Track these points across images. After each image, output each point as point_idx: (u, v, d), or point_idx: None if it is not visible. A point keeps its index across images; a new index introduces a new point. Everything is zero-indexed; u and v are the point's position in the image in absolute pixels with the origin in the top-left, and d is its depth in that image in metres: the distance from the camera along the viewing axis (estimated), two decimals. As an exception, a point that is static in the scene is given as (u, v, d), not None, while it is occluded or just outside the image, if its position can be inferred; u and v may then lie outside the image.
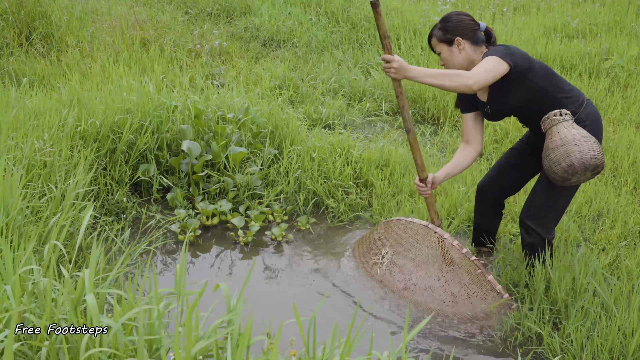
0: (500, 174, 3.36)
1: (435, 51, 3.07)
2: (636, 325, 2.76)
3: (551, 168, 2.89)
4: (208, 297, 2.81)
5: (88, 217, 2.48)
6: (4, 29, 6.09)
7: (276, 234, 3.72)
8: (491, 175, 3.39)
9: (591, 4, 8.47)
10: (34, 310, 2.02)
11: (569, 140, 2.85)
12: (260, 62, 6.39)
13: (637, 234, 3.84)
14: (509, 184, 3.37)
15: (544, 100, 2.97)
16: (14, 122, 3.68)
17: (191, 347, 1.80)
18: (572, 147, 2.83)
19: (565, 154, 2.84)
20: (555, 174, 2.90)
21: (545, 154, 2.92)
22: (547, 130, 2.94)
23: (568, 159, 2.83)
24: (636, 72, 6.26)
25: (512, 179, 3.35)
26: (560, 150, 2.85)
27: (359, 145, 4.53)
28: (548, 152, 2.90)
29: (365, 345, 2.92)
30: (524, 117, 3.09)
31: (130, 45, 5.90)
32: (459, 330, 3.08)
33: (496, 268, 3.50)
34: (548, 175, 2.95)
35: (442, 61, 3.08)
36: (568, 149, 2.84)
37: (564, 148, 2.84)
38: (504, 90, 2.97)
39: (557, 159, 2.86)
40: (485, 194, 3.42)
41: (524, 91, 2.95)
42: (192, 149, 4.03)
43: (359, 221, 3.98)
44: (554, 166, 2.88)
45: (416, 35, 6.76)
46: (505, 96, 2.99)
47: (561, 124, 2.90)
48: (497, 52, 2.87)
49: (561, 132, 2.88)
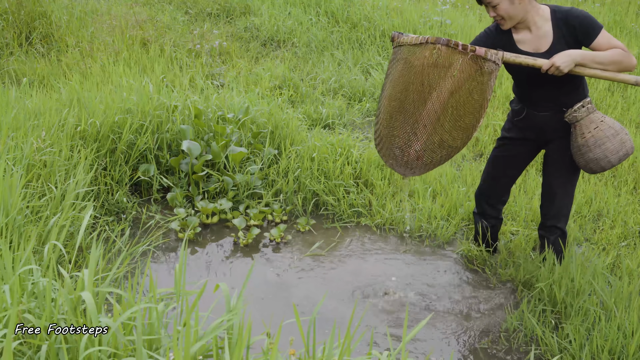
0: (499, 188, 3.37)
1: (492, 3, 2.88)
2: (636, 325, 2.76)
3: (606, 157, 2.86)
4: (208, 297, 2.80)
5: (88, 217, 2.48)
6: (4, 29, 6.08)
7: (275, 235, 3.72)
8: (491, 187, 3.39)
9: (591, 4, 8.46)
10: (33, 310, 2.02)
11: (618, 129, 2.86)
12: (260, 62, 6.39)
13: (637, 234, 3.84)
14: (508, 192, 3.41)
15: (578, 87, 2.95)
16: (14, 122, 3.67)
17: (190, 347, 1.80)
18: (624, 135, 2.86)
19: (621, 143, 2.84)
20: (609, 164, 2.88)
21: (597, 143, 2.86)
22: (583, 118, 2.88)
23: (624, 148, 2.85)
24: (636, 72, 6.26)
25: (508, 185, 3.37)
26: (617, 139, 2.84)
27: (359, 145, 4.53)
28: (602, 141, 2.85)
29: (365, 345, 2.92)
30: (554, 86, 2.95)
31: (130, 45, 5.90)
32: (459, 329, 3.08)
33: (497, 266, 3.51)
34: (591, 165, 2.90)
35: (497, 12, 2.87)
36: (623, 138, 2.85)
37: (619, 137, 2.85)
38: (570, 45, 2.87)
39: (614, 148, 2.85)
40: (484, 205, 3.43)
41: None
42: (192, 149, 4.03)
43: (359, 219, 3.98)
44: (610, 155, 2.85)
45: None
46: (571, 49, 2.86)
47: (597, 112, 2.89)
48: (597, 22, 2.81)
49: (606, 120, 2.87)
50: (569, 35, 2.84)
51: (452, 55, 2.70)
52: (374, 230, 3.89)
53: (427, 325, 3.09)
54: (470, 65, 2.70)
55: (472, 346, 2.98)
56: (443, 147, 2.89)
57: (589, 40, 2.82)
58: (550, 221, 3.20)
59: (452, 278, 3.47)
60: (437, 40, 2.67)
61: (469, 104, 2.78)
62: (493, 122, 5.16)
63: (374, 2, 7.43)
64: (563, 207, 3.16)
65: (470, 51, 2.67)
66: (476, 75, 2.72)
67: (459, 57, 2.70)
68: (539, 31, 2.90)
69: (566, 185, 3.12)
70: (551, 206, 3.18)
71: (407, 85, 2.80)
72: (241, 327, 1.86)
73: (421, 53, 2.73)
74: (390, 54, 3.08)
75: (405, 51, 2.78)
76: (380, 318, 3.13)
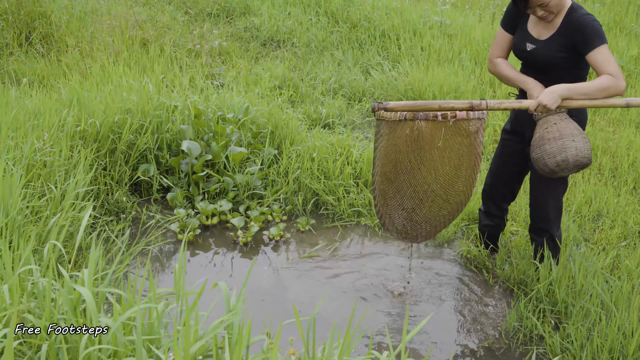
0: (502, 186, 3.36)
1: (544, 3, 2.78)
2: (636, 325, 2.76)
3: (543, 159, 2.79)
4: (207, 297, 2.80)
5: (87, 217, 2.48)
6: (4, 29, 6.08)
7: (274, 234, 3.72)
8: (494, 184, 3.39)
9: (591, 4, 8.46)
10: (33, 310, 2.02)
11: (566, 134, 2.76)
12: (260, 62, 6.39)
13: (637, 234, 3.84)
14: (511, 191, 3.40)
15: (575, 75, 2.91)
16: (14, 122, 3.67)
17: (190, 347, 1.80)
18: (569, 142, 2.74)
19: (561, 148, 2.74)
20: (545, 166, 2.80)
21: (538, 143, 2.81)
22: (540, 119, 2.83)
23: (564, 153, 2.74)
24: (636, 72, 6.26)
25: (512, 183, 3.36)
26: (558, 143, 2.75)
27: (358, 145, 4.53)
28: (543, 142, 2.79)
29: (365, 345, 2.92)
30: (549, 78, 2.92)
31: (130, 45, 5.90)
32: (459, 329, 3.08)
33: (498, 265, 3.51)
34: (535, 165, 2.85)
35: (548, 8, 2.79)
36: (565, 143, 2.74)
37: (561, 141, 2.75)
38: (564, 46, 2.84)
39: (552, 151, 2.76)
40: (489, 203, 3.43)
41: (576, 57, 2.86)
42: (192, 149, 4.03)
43: (359, 219, 3.97)
44: (546, 158, 2.77)
45: (416, 35, 6.76)
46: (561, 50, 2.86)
47: (557, 114, 2.80)
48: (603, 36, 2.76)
49: (558, 123, 2.78)
50: (570, 37, 2.81)
51: (433, 128, 2.67)
52: (375, 230, 3.89)
53: (426, 326, 3.09)
54: (455, 130, 2.68)
55: (472, 346, 2.98)
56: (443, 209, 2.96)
57: (586, 50, 2.77)
58: (538, 224, 3.20)
59: (452, 278, 3.47)
60: (415, 115, 2.61)
61: (461, 166, 2.80)
62: (493, 122, 5.16)
63: (374, 2, 7.43)
64: (548, 210, 3.12)
65: (451, 118, 2.62)
66: (462, 138, 2.71)
67: (440, 126, 2.66)
68: (550, 20, 2.88)
69: (548, 188, 3.07)
70: (535, 209, 3.17)
71: (395, 165, 2.80)
72: (241, 326, 1.86)
73: (402, 131, 2.70)
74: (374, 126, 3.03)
75: (386, 127, 2.75)
76: (380, 318, 3.13)
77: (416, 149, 2.73)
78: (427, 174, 2.80)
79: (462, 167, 2.81)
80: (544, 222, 3.16)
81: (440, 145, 2.70)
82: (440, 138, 2.68)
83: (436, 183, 2.84)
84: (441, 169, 2.79)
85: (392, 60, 6.42)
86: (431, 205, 2.91)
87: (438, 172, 2.80)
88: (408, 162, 2.78)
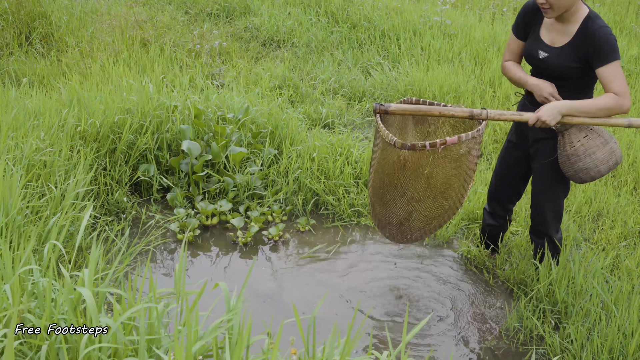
0: (506, 187, 3.36)
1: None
2: (636, 325, 2.76)
3: (596, 167, 2.81)
4: (207, 297, 2.81)
5: (87, 217, 2.48)
6: (4, 29, 6.08)
7: (274, 234, 3.72)
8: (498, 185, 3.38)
9: (591, 3, 8.46)
10: (33, 310, 2.02)
11: (608, 138, 2.82)
12: (260, 62, 6.39)
13: (637, 234, 3.84)
14: (517, 192, 3.39)
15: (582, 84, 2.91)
16: (14, 122, 3.67)
17: (191, 347, 1.80)
18: (614, 144, 2.82)
19: (611, 152, 2.80)
20: (599, 173, 2.83)
21: (587, 152, 2.81)
22: (572, 127, 2.82)
23: (614, 157, 2.81)
24: (636, 72, 6.26)
25: (516, 185, 3.36)
26: (607, 148, 2.81)
27: (358, 145, 4.53)
28: (593, 149, 2.81)
29: (365, 345, 2.92)
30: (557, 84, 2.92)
31: (130, 45, 5.90)
32: (459, 330, 3.09)
33: (498, 265, 3.51)
34: (580, 175, 2.85)
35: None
36: (612, 146, 2.81)
37: (609, 145, 2.81)
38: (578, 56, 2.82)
39: (604, 157, 2.81)
40: (494, 203, 3.43)
41: (589, 69, 2.84)
42: (192, 149, 4.03)
43: (359, 219, 3.97)
44: (600, 165, 2.81)
45: (416, 35, 6.76)
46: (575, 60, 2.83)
47: None
48: (616, 53, 2.74)
49: (595, 129, 2.82)
50: (584, 48, 2.79)
51: (420, 156, 2.62)
52: (375, 230, 3.89)
53: (426, 326, 3.09)
54: (444, 154, 2.63)
55: (472, 346, 2.98)
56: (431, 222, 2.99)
57: (597, 64, 2.76)
58: (537, 226, 3.20)
59: (452, 278, 3.47)
60: (403, 145, 2.55)
61: (449, 188, 2.80)
62: (493, 122, 5.16)
63: (374, 2, 7.43)
64: (547, 213, 3.12)
65: (440, 145, 2.55)
66: (452, 162, 2.68)
67: (428, 155, 2.62)
68: (565, 27, 2.86)
69: (548, 192, 3.08)
70: (535, 212, 3.18)
71: (383, 183, 2.82)
72: (241, 326, 1.86)
73: (391, 154, 2.68)
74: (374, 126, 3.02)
75: (381, 141, 2.75)
76: (380, 318, 3.13)
77: (402, 176, 2.73)
78: (412, 197, 2.82)
79: (451, 188, 2.82)
80: (542, 225, 3.16)
81: (426, 172, 2.67)
82: (428, 165, 2.63)
83: (422, 205, 2.86)
84: (429, 191, 2.80)
85: (392, 60, 6.42)
86: (417, 219, 2.95)
87: (425, 194, 2.81)
88: (394, 187, 2.81)
